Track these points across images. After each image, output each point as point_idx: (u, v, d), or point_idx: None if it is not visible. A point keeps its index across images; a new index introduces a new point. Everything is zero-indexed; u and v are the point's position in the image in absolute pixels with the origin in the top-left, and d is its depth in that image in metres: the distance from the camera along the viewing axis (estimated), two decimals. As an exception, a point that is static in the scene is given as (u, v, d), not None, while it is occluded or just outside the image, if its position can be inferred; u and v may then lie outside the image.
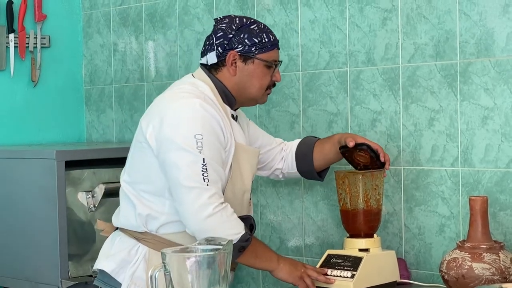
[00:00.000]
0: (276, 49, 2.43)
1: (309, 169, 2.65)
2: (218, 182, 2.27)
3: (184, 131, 2.26)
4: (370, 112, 2.79)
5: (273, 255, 2.43)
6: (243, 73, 2.39)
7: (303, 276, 2.41)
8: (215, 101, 2.36)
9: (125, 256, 2.38)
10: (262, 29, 2.41)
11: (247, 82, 2.40)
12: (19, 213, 3.15)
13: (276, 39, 2.43)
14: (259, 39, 2.38)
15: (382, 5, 2.74)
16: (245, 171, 2.42)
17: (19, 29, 3.55)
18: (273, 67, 2.42)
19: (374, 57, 2.77)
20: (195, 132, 2.25)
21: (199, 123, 2.26)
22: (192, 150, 2.24)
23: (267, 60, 2.39)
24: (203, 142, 2.24)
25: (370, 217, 2.56)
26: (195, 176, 2.23)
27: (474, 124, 2.55)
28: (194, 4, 3.29)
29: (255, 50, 2.38)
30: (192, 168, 2.23)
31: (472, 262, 2.27)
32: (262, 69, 2.40)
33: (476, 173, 2.55)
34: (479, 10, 2.52)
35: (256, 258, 2.38)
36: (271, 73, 2.42)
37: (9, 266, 3.20)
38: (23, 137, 3.62)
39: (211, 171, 2.25)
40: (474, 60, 2.55)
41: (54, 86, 3.70)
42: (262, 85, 2.41)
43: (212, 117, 2.29)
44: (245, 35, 2.38)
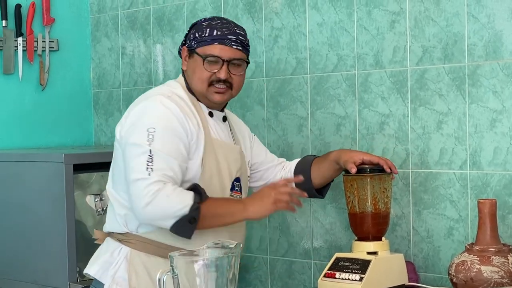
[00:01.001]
0: (218, 44, 2.38)
1: (307, 187, 2.63)
2: (164, 170, 2.26)
3: (139, 128, 2.31)
4: (378, 115, 2.78)
5: (234, 204, 2.36)
6: (189, 67, 2.44)
7: (276, 199, 2.32)
8: (186, 99, 2.40)
9: (108, 258, 2.41)
10: (210, 25, 2.41)
11: (191, 77, 2.43)
12: (27, 216, 3.15)
13: (220, 35, 2.38)
14: (200, 33, 2.40)
15: (390, 8, 2.74)
16: (223, 167, 2.42)
17: (28, 33, 3.56)
18: (214, 62, 2.37)
19: (382, 60, 2.77)
20: (148, 126, 2.30)
21: (155, 118, 2.32)
22: (142, 143, 2.28)
23: (203, 54, 2.38)
24: (154, 135, 2.28)
25: (378, 220, 2.56)
26: (140, 167, 2.26)
27: (483, 127, 2.55)
28: (202, 7, 3.29)
29: (194, 44, 2.41)
30: (138, 161, 2.27)
31: (480, 265, 2.26)
32: (199, 63, 2.39)
33: (485, 176, 2.55)
34: (488, 13, 2.52)
35: (219, 217, 2.32)
36: (211, 68, 2.38)
37: (17, 269, 3.21)
38: (31, 141, 3.63)
39: (158, 160, 2.26)
40: (483, 62, 2.54)
41: (63, 90, 3.71)
42: (201, 79, 2.39)
43: (171, 112, 2.33)
44: (193, 30, 2.44)
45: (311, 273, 2.99)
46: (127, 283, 2.36)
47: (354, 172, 2.50)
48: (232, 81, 2.42)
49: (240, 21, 3.16)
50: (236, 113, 3.18)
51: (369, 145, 2.80)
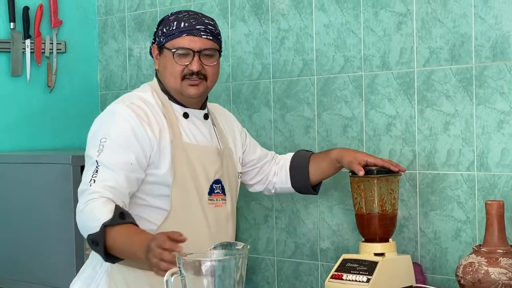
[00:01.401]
0: (186, 36, 2.31)
1: (304, 183, 2.64)
2: (106, 181, 2.21)
3: (94, 139, 2.30)
4: (385, 116, 2.78)
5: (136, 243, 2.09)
6: (160, 65, 2.38)
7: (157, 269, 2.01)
8: (153, 103, 2.35)
9: (90, 272, 2.38)
10: (177, 18, 2.35)
11: (163, 74, 2.37)
12: (35, 218, 3.16)
13: (188, 26, 2.32)
14: (168, 27, 2.34)
15: (397, 9, 2.74)
16: (199, 172, 2.35)
17: (35, 35, 3.57)
18: (174, 54, 2.31)
19: (389, 61, 2.77)
20: (101, 137, 2.28)
21: (108, 128, 2.28)
22: (93, 155, 2.27)
23: (172, 47, 2.32)
24: (104, 145, 2.25)
25: (385, 222, 2.56)
26: (86, 179, 2.25)
27: (490, 128, 2.54)
28: (208, 9, 3.30)
29: (163, 40, 2.35)
30: (87, 173, 2.26)
31: (488, 266, 2.26)
32: (170, 58, 2.33)
33: (492, 177, 2.54)
34: (495, 14, 2.51)
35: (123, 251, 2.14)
36: (182, 61, 2.32)
37: (25, 270, 3.22)
38: (39, 142, 3.64)
39: (102, 171, 2.22)
40: (490, 63, 2.54)
41: (70, 91, 3.72)
42: (173, 74, 2.33)
43: (127, 122, 2.28)
44: (161, 26, 2.39)
45: (318, 275, 2.99)
46: None
47: (362, 174, 2.50)
48: (206, 73, 2.34)
49: (246, 23, 3.16)
50: (243, 114, 3.18)
51: (376, 147, 2.80)
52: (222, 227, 2.41)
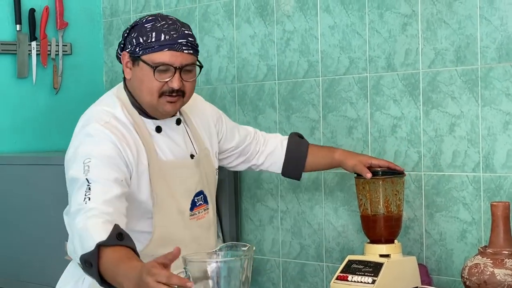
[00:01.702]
0: (167, 51, 2.16)
1: (295, 174, 2.64)
2: (102, 195, 2.08)
3: (75, 162, 2.16)
4: (390, 117, 2.78)
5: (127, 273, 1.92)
6: (134, 77, 2.22)
7: None
8: (124, 121, 2.22)
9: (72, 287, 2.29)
10: (155, 28, 2.17)
11: (137, 87, 2.21)
12: (41, 219, 3.17)
13: (170, 40, 2.16)
14: (145, 38, 2.16)
15: (402, 11, 2.74)
16: (177, 188, 2.27)
17: (41, 37, 3.58)
18: (155, 70, 2.16)
19: (394, 63, 2.77)
20: (84, 158, 2.14)
21: (89, 148, 2.15)
22: (79, 176, 2.12)
23: (151, 62, 2.16)
24: (90, 165, 2.12)
25: (390, 223, 2.56)
26: (79, 199, 2.10)
27: (496, 130, 2.54)
28: (214, 11, 3.30)
29: (139, 51, 2.17)
30: (77, 194, 2.11)
31: (494, 268, 2.25)
32: (148, 72, 2.16)
33: (498, 179, 2.54)
34: (500, 15, 2.51)
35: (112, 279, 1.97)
36: (161, 77, 2.17)
37: (31, 271, 3.22)
38: (45, 144, 3.64)
39: (95, 187, 2.09)
40: (495, 65, 2.54)
41: (76, 93, 3.73)
42: (150, 90, 2.18)
43: (109, 140, 2.16)
44: (135, 33, 2.20)
45: (323, 276, 2.99)
46: None
47: (370, 177, 2.51)
48: (185, 89, 2.21)
49: (252, 24, 3.17)
50: (248, 116, 3.18)
51: (381, 148, 2.80)
52: (205, 238, 2.35)
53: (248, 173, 3.19)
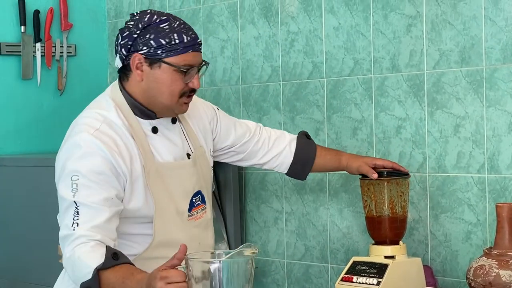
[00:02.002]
0: (190, 52, 2.12)
1: (301, 175, 2.63)
2: (91, 222, 2.05)
3: (63, 176, 2.11)
4: (395, 119, 2.78)
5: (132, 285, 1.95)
6: (150, 78, 2.13)
7: None
8: (119, 124, 2.16)
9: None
10: (174, 29, 2.11)
11: (154, 89, 2.14)
12: (45, 221, 3.17)
13: (192, 41, 2.13)
14: (167, 40, 2.10)
15: (406, 12, 2.73)
16: (175, 190, 2.22)
17: (46, 38, 3.59)
18: (185, 72, 2.13)
19: (399, 64, 2.77)
20: (72, 174, 2.08)
21: (77, 163, 2.09)
22: (67, 196, 2.08)
23: (177, 64, 2.11)
24: (78, 183, 2.06)
25: (395, 224, 2.55)
26: (67, 222, 2.07)
27: (501, 130, 2.54)
28: (218, 12, 3.30)
29: (161, 53, 2.10)
30: (66, 215, 2.08)
31: (499, 269, 2.25)
32: (171, 74, 2.12)
33: (503, 180, 2.54)
34: (505, 16, 2.51)
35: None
36: (185, 78, 2.13)
37: (35, 273, 3.23)
38: (49, 145, 3.65)
39: (84, 212, 2.05)
40: (500, 66, 2.53)
41: (80, 95, 3.73)
42: (172, 92, 2.13)
43: (99, 154, 2.09)
44: (151, 35, 2.11)
45: (328, 277, 2.99)
46: None
47: (376, 177, 2.50)
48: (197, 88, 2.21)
49: (256, 25, 3.17)
50: (253, 117, 3.18)
51: (385, 149, 2.80)
52: (203, 238, 2.32)
53: (252, 175, 3.19)
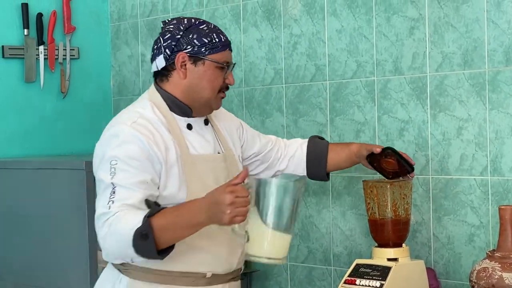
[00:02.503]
0: (227, 50, 2.30)
1: (320, 173, 2.61)
2: (125, 200, 2.15)
3: (103, 162, 2.22)
4: (397, 121, 2.78)
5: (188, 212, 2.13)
6: (194, 75, 2.28)
7: (232, 215, 2.06)
8: (155, 121, 2.27)
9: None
10: (212, 29, 2.29)
11: (198, 85, 2.28)
12: (48, 223, 3.18)
13: (227, 40, 2.31)
14: (209, 39, 2.27)
15: (409, 14, 2.74)
16: (208, 179, 2.28)
17: (49, 41, 3.59)
18: (225, 68, 2.29)
19: (402, 66, 2.77)
20: (111, 159, 2.19)
21: (117, 149, 2.20)
22: (105, 178, 2.19)
23: (219, 61, 2.27)
24: (116, 167, 2.17)
25: (398, 227, 2.56)
26: (103, 202, 2.17)
27: (503, 133, 2.54)
28: (221, 14, 3.31)
29: (205, 51, 2.26)
30: (102, 196, 2.18)
31: (502, 271, 2.25)
32: (213, 70, 2.28)
33: (506, 182, 2.54)
34: (508, 19, 2.51)
35: (175, 229, 2.12)
36: (223, 75, 2.30)
37: (39, 276, 3.23)
38: (52, 148, 3.65)
39: (119, 192, 2.16)
40: (503, 68, 2.53)
41: (83, 97, 3.74)
42: (214, 87, 2.29)
43: (136, 142, 2.20)
44: (194, 35, 2.27)
45: (331, 280, 2.99)
46: None
47: (379, 151, 2.49)
48: None
49: (259, 28, 3.17)
50: (256, 119, 3.19)
51: (389, 152, 2.80)
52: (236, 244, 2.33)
53: (255, 177, 3.19)
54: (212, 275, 2.27)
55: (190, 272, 2.25)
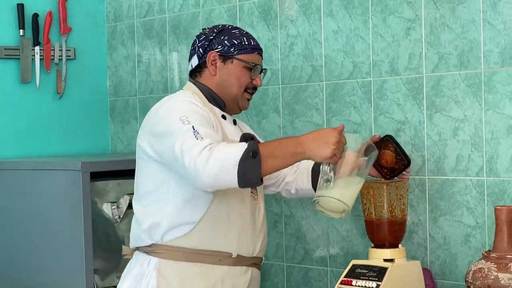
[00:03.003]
0: (256, 54, 2.50)
1: None
2: (213, 136, 2.29)
3: (170, 120, 2.32)
4: (394, 122, 2.78)
5: (291, 142, 2.30)
6: (223, 72, 2.48)
7: (335, 151, 2.27)
8: (200, 103, 2.43)
9: (139, 270, 2.44)
10: (243, 34, 2.51)
11: (227, 81, 2.48)
12: (44, 225, 3.17)
13: (258, 45, 2.51)
14: (239, 41, 2.48)
15: (405, 15, 2.74)
16: None
17: (45, 42, 3.59)
18: (252, 69, 2.48)
19: (398, 67, 2.77)
20: (179, 116, 2.31)
21: (181, 109, 2.34)
22: (180, 127, 2.29)
23: (246, 60, 2.47)
24: (189, 120, 2.30)
25: (395, 227, 2.56)
26: (189, 141, 2.26)
27: (499, 133, 2.54)
28: (217, 15, 3.31)
29: (234, 51, 2.47)
30: (183, 138, 2.26)
31: (498, 272, 2.25)
32: (240, 69, 2.47)
33: (502, 183, 2.54)
34: (503, 19, 2.51)
35: (278, 156, 2.27)
36: (251, 75, 2.49)
37: (34, 277, 3.23)
38: (48, 149, 3.65)
39: (203, 130, 2.28)
40: (499, 69, 2.54)
41: (79, 98, 3.73)
42: (240, 84, 2.48)
43: (196, 105, 2.38)
44: (225, 37, 2.49)
45: (328, 280, 2.99)
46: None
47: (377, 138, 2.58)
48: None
49: (255, 29, 3.17)
50: (252, 120, 3.19)
51: (385, 152, 2.80)
52: (261, 219, 2.51)
53: (251, 178, 3.19)
54: (237, 256, 2.42)
55: (217, 251, 2.40)
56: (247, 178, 2.22)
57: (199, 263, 2.39)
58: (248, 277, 2.47)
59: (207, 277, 2.40)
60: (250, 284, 2.48)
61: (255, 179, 2.23)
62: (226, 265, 2.41)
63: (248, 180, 2.23)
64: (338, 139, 2.27)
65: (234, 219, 2.42)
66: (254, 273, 2.50)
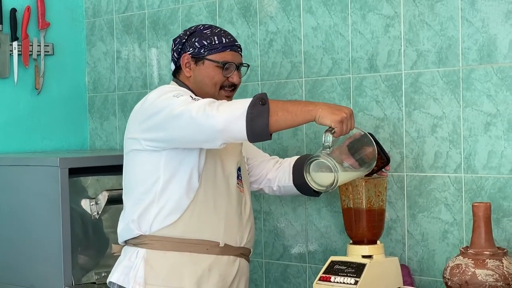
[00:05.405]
0: (229, 51, 2.52)
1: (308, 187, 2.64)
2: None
3: (163, 100, 2.36)
4: (373, 118, 2.79)
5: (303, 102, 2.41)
6: (196, 73, 2.53)
7: (343, 120, 2.29)
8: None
9: (127, 263, 2.47)
10: (215, 33, 2.54)
11: (201, 82, 2.52)
12: (23, 221, 3.15)
13: (230, 42, 2.53)
14: (209, 41, 2.52)
15: (384, 12, 2.75)
16: (226, 157, 2.50)
17: (23, 37, 3.56)
18: (224, 67, 2.50)
19: (377, 64, 2.78)
20: (172, 94, 2.37)
21: (172, 89, 2.42)
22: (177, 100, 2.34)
23: (216, 60, 2.50)
24: (183, 94, 2.36)
25: (373, 224, 2.56)
26: (189, 102, 2.31)
27: (477, 131, 2.55)
28: (197, 11, 3.30)
29: (204, 52, 2.51)
30: (184, 102, 2.32)
31: (475, 268, 2.27)
32: (213, 68, 2.51)
33: (479, 180, 2.55)
34: (482, 17, 2.53)
35: (288, 111, 2.27)
36: (225, 73, 2.51)
37: (13, 273, 3.21)
38: (26, 145, 3.63)
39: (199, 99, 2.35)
40: (477, 66, 2.55)
41: (58, 94, 3.71)
42: (214, 83, 2.51)
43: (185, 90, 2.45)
44: (196, 38, 2.53)
45: (306, 277, 2.99)
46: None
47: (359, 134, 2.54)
48: (237, 84, 2.55)
49: (235, 25, 3.16)
50: (231, 117, 3.18)
51: (364, 149, 2.81)
52: (247, 212, 2.55)
53: (231, 174, 3.18)
54: (225, 245, 2.46)
55: (205, 240, 2.43)
56: (255, 125, 2.22)
57: (187, 252, 2.42)
58: (236, 267, 2.50)
59: (195, 266, 2.42)
60: (237, 274, 2.51)
61: (263, 127, 2.22)
62: (213, 254, 2.44)
63: (256, 128, 2.22)
64: (351, 113, 2.30)
65: (220, 208, 2.46)
66: (242, 264, 2.53)
